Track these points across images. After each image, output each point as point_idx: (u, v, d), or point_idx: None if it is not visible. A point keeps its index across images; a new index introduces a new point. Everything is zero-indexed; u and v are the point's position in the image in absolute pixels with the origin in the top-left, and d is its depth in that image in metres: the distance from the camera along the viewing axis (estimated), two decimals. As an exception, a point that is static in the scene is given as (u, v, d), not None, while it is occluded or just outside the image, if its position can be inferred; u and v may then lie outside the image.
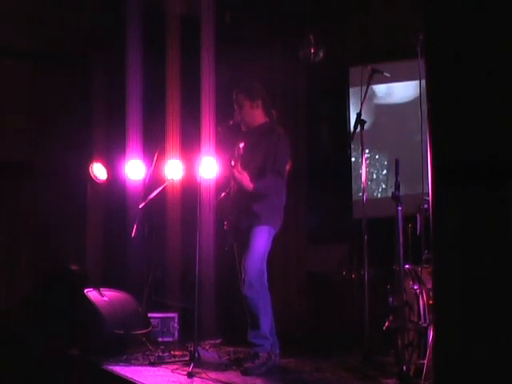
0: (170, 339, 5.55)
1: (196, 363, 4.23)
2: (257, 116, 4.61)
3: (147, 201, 5.39)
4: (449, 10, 2.16)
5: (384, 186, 6.12)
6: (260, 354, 4.28)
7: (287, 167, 4.52)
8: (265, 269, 4.43)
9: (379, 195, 6.16)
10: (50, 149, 6.59)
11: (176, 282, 6.20)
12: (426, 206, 4.06)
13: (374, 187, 6.15)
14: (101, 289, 5.20)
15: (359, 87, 4.54)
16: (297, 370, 4.39)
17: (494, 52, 2.10)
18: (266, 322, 4.37)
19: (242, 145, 4.45)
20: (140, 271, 5.87)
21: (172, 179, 5.62)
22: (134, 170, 5.91)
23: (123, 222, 6.07)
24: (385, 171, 6.14)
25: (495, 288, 2.05)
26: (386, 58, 5.82)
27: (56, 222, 6.57)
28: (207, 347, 5.14)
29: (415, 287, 4.03)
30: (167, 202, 6.24)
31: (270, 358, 4.30)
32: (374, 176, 6.17)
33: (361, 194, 4.55)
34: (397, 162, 4.14)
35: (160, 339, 5.45)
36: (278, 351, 4.43)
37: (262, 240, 4.42)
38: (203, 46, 6.16)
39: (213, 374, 4.13)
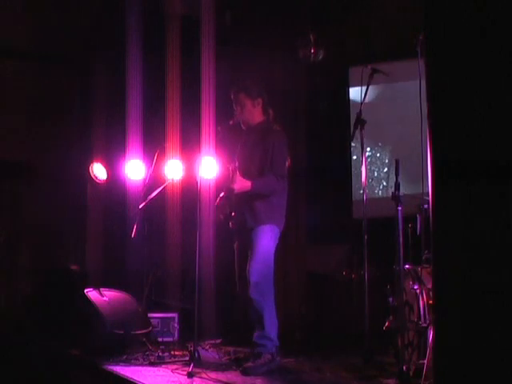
0: (170, 339, 5.54)
1: (196, 363, 4.23)
2: (256, 114, 4.62)
3: (147, 201, 5.39)
4: (449, 10, 2.16)
5: (385, 184, 6.12)
6: (263, 355, 4.27)
7: (287, 165, 4.52)
8: (271, 271, 4.41)
9: (380, 193, 6.16)
10: (49, 149, 6.59)
11: (176, 282, 6.20)
12: (426, 206, 4.07)
13: (374, 185, 6.16)
14: (101, 289, 5.20)
15: (359, 87, 4.54)
16: (297, 369, 4.40)
17: (494, 52, 2.10)
18: (272, 323, 4.35)
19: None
20: (140, 271, 5.86)
21: (172, 179, 5.62)
22: (134, 169, 5.90)
23: (123, 222, 6.06)
24: (386, 169, 6.14)
25: (495, 288, 2.05)
26: (386, 58, 5.82)
27: (56, 222, 6.57)
28: (207, 347, 5.15)
29: (415, 287, 4.03)
30: (167, 202, 6.24)
31: (273, 359, 4.29)
32: (375, 174, 6.17)
33: (362, 192, 4.56)
34: (397, 162, 4.14)
35: (160, 339, 5.43)
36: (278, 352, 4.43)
37: (265, 241, 4.41)
38: (203, 47, 6.15)
39: (213, 374, 4.14)
